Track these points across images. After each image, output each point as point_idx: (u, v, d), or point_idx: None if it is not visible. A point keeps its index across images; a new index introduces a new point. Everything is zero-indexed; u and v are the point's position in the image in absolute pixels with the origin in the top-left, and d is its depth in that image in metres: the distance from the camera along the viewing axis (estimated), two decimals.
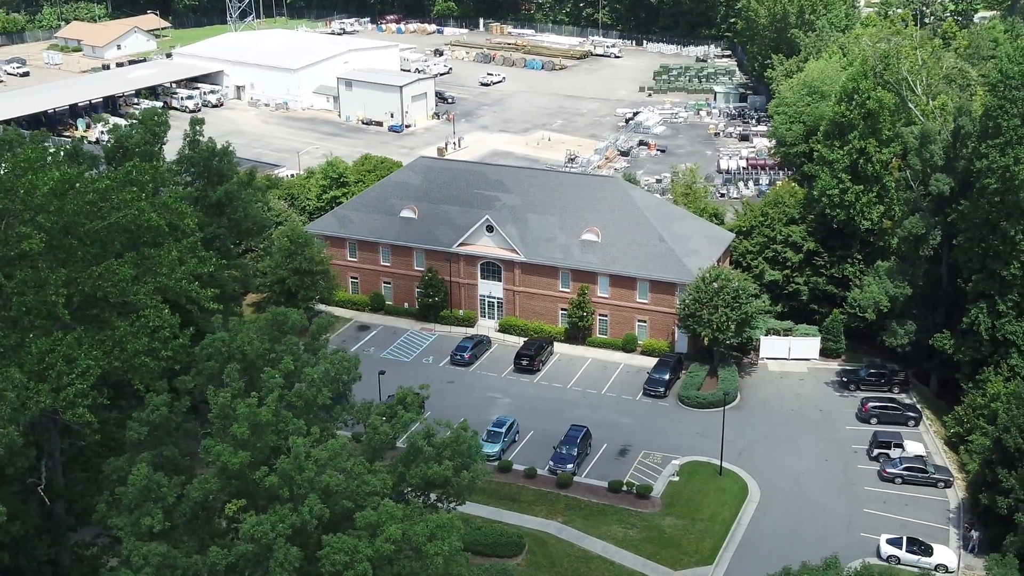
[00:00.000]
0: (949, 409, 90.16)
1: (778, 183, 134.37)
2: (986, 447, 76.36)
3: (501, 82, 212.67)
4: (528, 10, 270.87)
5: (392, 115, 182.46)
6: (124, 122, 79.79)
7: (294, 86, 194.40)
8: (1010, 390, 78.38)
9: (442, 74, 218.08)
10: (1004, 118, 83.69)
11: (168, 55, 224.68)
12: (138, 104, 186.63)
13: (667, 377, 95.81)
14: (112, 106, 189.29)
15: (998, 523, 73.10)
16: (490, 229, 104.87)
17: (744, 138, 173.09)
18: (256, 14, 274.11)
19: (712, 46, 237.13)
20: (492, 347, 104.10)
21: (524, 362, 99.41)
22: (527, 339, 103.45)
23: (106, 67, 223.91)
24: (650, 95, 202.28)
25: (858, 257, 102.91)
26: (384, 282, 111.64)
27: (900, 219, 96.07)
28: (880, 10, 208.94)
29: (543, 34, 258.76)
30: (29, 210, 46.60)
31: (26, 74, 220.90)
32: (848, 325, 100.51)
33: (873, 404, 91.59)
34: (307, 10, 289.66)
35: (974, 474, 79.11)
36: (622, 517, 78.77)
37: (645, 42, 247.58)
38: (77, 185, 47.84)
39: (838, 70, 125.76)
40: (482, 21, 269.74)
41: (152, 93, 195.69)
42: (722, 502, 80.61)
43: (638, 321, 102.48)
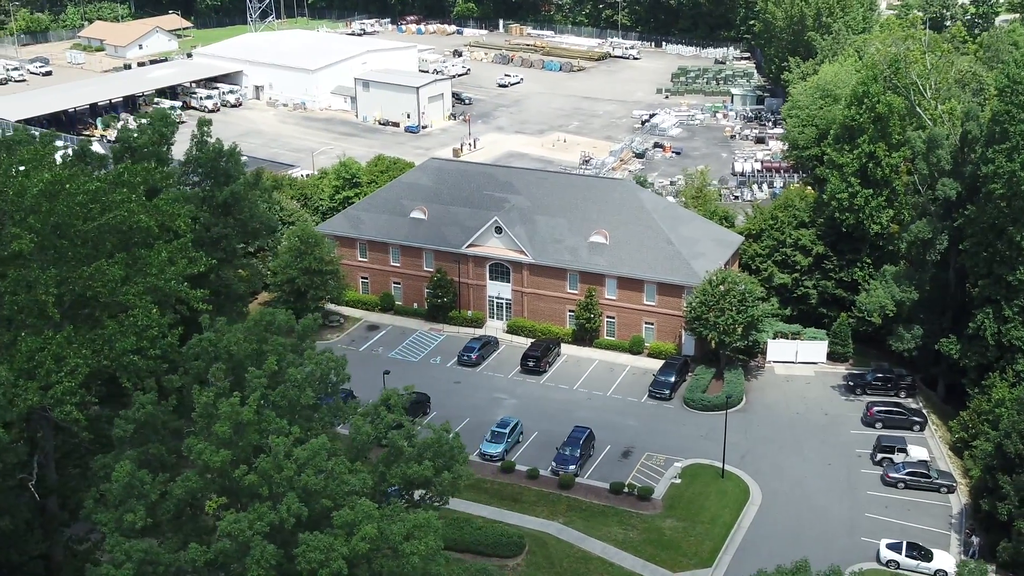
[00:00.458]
0: (956, 414, 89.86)
1: (792, 186, 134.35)
2: (988, 453, 76.19)
3: (519, 83, 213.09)
4: (548, 11, 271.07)
5: (409, 116, 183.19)
6: (133, 123, 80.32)
7: (312, 86, 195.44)
8: (1014, 395, 78.30)
9: (460, 75, 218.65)
10: (1011, 123, 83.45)
11: (188, 55, 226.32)
12: (157, 104, 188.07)
13: (672, 379, 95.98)
14: (132, 106, 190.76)
15: (999, 529, 72.98)
16: (499, 230, 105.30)
17: (760, 141, 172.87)
18: (277, 14, 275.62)
19: (731, 48, 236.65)
20: (500, 348, 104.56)
21: (531, 363, 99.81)
22: (534, 340, 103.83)
23: (127, 67, 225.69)
24: (667, 97, 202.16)
25: (867, 261, 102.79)
26: (394, 282, 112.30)
27: (907, 223, 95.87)
28: (900, 12, 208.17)
29: (562, 35, 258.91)
30: (20, 211, 47.44)
31: (49, 73, 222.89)
32: (856, 329, 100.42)
33: (878, 408, 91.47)
34: (328, 10, 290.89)
35: (976, 480, 78.95)
36: (623, 519, 79.05)
37: (664, 44, 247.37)
38: (67, 186, 48.66)
39: (851, 73, 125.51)
40: (502, 22, 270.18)
41: (172, 93, 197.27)
42: (723, 505, 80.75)
43: (645, 323, 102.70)
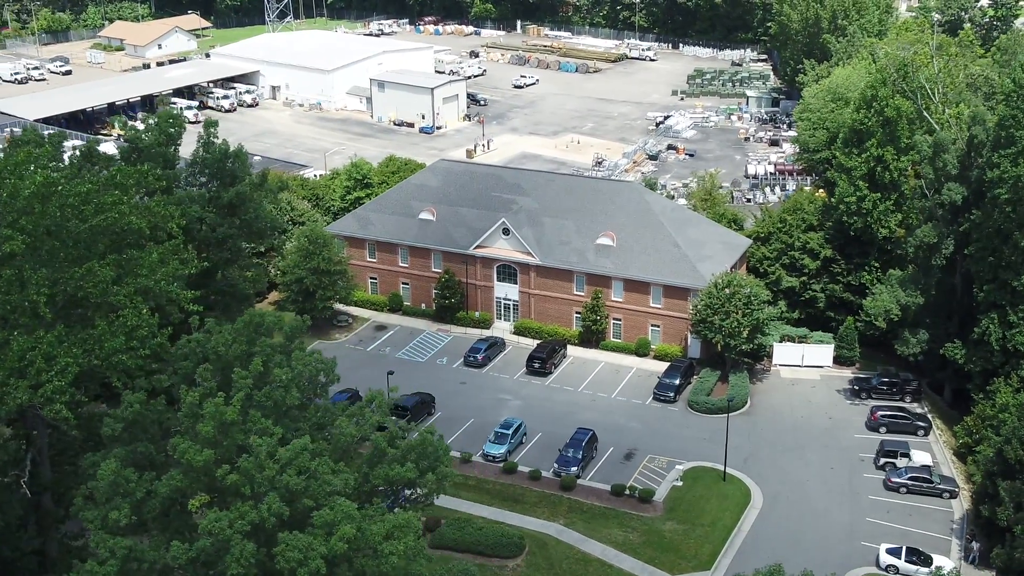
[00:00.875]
0: (961, 419, 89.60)
1: (804, 189, 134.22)
2: (989, 458, 76.06)
3: (534, 84, 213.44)
4: (565, 13, 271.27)
5: (423, 117, 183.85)
6: (141, 124, 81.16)
7: (328, 87, 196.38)
8: (1018, 401, 78.09)
9: (476, 76, 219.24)
10: (1017, 128, 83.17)
11: (206, 55, 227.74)
12: (173, 104, 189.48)
13: (677, 382, 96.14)
14: (150, 105, 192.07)
15: (1000, 535, 72.80)
16: (506, 232, 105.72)
17: (774, 143, 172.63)
18: (297, 15, 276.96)
19: (748, 50, 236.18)
20: (506, 349, 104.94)
21: (536, 364, 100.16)
22: (540, 342, 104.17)
23: (146, 66, 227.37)
24: (682, 99, 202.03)
25: (875, 265, 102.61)
26: (402, 283, 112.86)
27: (913, 228, 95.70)
28: (919, 14, 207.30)
29: (580, 36, 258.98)
30: (12, 212, 48.22)
31: (68, 72, 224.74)
32: (864, 333, 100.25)
33: (882, 413, 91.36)
34: (347, 11, 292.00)
35: (978, 485, 78.80)
36: (623, 521, 79.29)
37: (681, 45, 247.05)
38: (59, 188, 49.39)
39: (863, 76, 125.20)
40: (519, 23, 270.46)
41: (189, 93, 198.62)
42: (724, 508, 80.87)
43: (651, 326, 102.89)
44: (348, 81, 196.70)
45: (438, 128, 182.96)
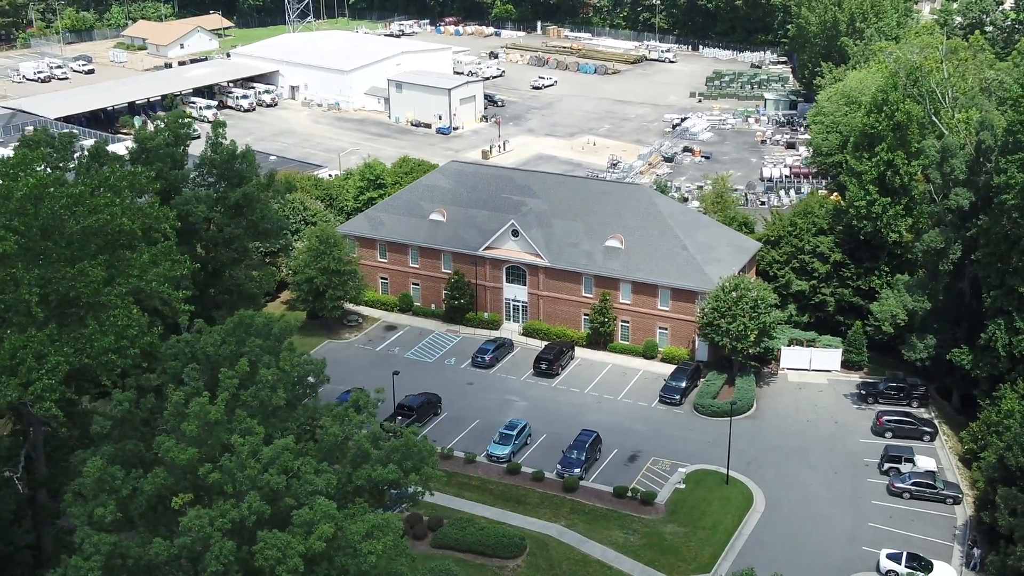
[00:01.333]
0: (968, 425, 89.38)
1: (818, 192, 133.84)
2: (991, 464, 75.84)
3: (552, 86, 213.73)
4: (586, 14, 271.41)
5: (440, 117, 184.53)
6: (150, 124, 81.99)
7: (346, 87, 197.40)
8: (1019, 407, 77.80)
9: (495, 77, 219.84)
10: None
11: (227, 55, 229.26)
12: (194, 103, 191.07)
13: (683, 385, 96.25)
14: (170, 104, 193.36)
15: (1001, 541, 72.55)
16: (515, 233, 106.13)
17: (791, 146, 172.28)
18: (319, 15, 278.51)
19: (768, 52, 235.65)
20: (514, 350, 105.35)
21: (543, 366, 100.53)
22: (547, 343, 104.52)
23: (168, 66, 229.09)
24: (700, 101, 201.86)
25: (885, 269, 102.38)
26: (412, 283, 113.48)
27: (922, 232, 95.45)
28: (940, 17, 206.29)
29: (599, 38, 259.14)
30: (5, 214, 49.06)
31: (91, 71, 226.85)
32: (873, 338, 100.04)
33: (888, 418, 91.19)
34: (369, 11, 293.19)
35: (980, 491, 78.59)
36: (624, 523, 79.55)
37: (701, 47, 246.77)
38: (51, 190, 50.21)
39: (876, 80, 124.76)
40: (539, 24, 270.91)
41: (209, 92, 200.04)
42: (725, 511, 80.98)
43: (659, 328, 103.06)
44: (366, 81, 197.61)
45: (455, 129, 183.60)
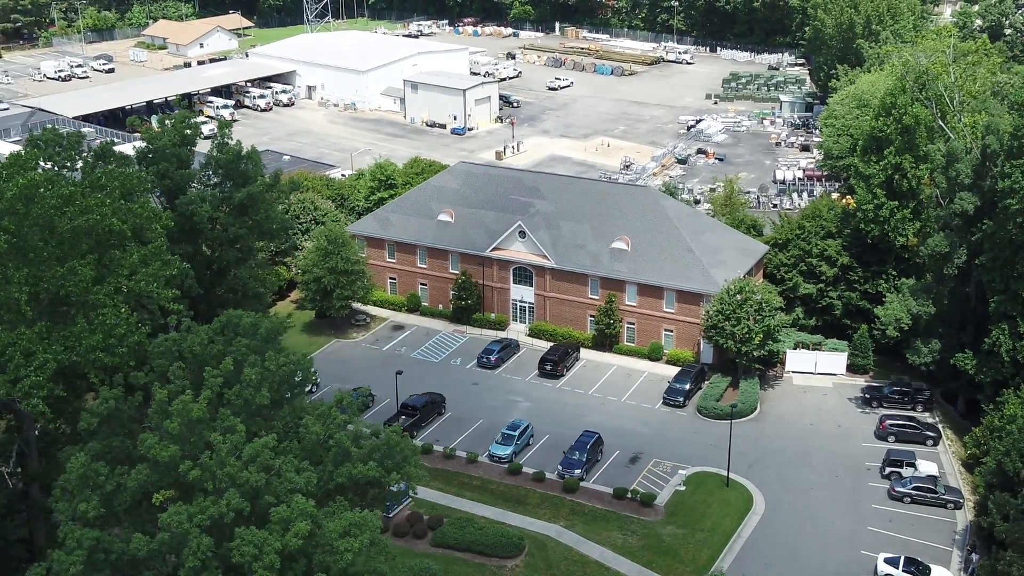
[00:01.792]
0: (972, 430, 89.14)
1: (833, 196, 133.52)
2: (990, 470, 75.72)
3: (568, 87, 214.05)
4: (604, 15, 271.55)
5: (455, 118, 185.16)
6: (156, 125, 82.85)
7: (362, 87, 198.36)
8: (1022, 413, 77.56)
9: (511, 78, 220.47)
10: None
11: (245, 55, 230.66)
12: (211, 103, 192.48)
13: (687, 387, 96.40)
14: (187, 104, 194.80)
15: (993, 547, 72.41)
16: (523, 235, 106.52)
17: (805, 148, 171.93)
18: (339, 15, 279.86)
19: (786, 54, 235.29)
20: (520, 351, 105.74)
21: (548, 367, 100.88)
22: (553, 344, 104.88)
23: (187, 65, 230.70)
24: (716, 103, 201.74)
25: (892, 273, 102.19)
26: (420, 284, 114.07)
27: (927, 236, 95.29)
28: (959, 21, 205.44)
29: (617, 39, 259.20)
30: None
31: (111, 70, 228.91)
32: (879, 341, 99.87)
33: (891, 422, 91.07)
34: (388, 11, 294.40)
35: (980, 497, 78.45)
36: (623, 524, 79.80)
37: (719, 49, 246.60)
38: (41, 190, 51.03)
39: (888, 83, 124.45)
40: (558, 25, 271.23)
41: (227, 92, 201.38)
42: (725, 513, 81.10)
43: (664, 330, 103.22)
44: (382, 82, 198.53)
45: (469, 129, 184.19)
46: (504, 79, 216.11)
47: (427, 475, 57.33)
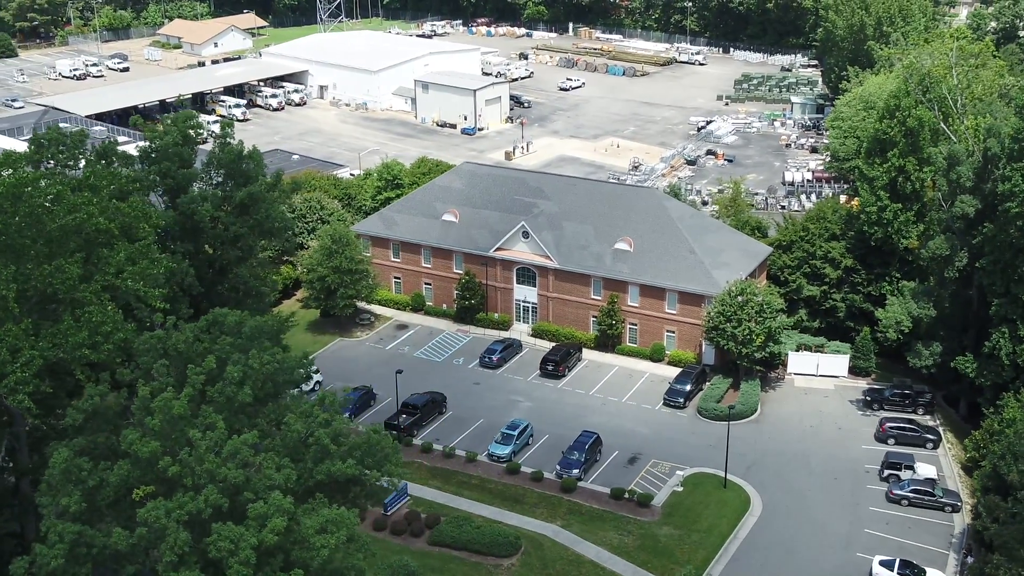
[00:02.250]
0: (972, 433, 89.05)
1: (840, 198, 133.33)
2: (986, 473, 75.66)
3: (580, 87, 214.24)
4: (617, 15, 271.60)
5: (465, 118, 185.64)
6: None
7: (374, 87, 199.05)
8: (1021, 416, 77.45)
9: (523, 78, 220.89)
10: None
11: (259, 54, 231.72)
12: (223, 102, 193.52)
13: (688, 388, 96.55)
14: (200, 102, 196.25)
15: (982, 550, 72.35)
16: (526, 235, 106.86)
17: (815, 150, 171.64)
18: (353, 15, 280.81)
19: (799, 55, 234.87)
20: (523, 351, 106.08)
21: (549, 367, 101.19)
22: (555, 344, 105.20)
23: (201, 64, 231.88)
24: (727, 104, 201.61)
25: (896, 276, 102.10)
26: (425, 283, 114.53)
27: (927, 239, 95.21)
28: (973, 22, 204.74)
29: (630, 39, 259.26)
30: None
31: (126, 69, 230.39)
32: (882, 344, 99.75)
33: (891, 425, 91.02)
34: (402, 11, 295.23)
35: (977, 500, 78.37)
36: (620, 524, 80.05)
37: (732, 50, 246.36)
38: (29, 189, 51.76)
39: (893, 85, 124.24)
40: (571, 25, 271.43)
41: (239, 91, 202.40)
42: (721, 515, 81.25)
43: (666, 331, 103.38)
44: (394, 82, 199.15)
45: (480, 130, 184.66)
46: (516, 79, 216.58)
47: (408, 472, 57.70)
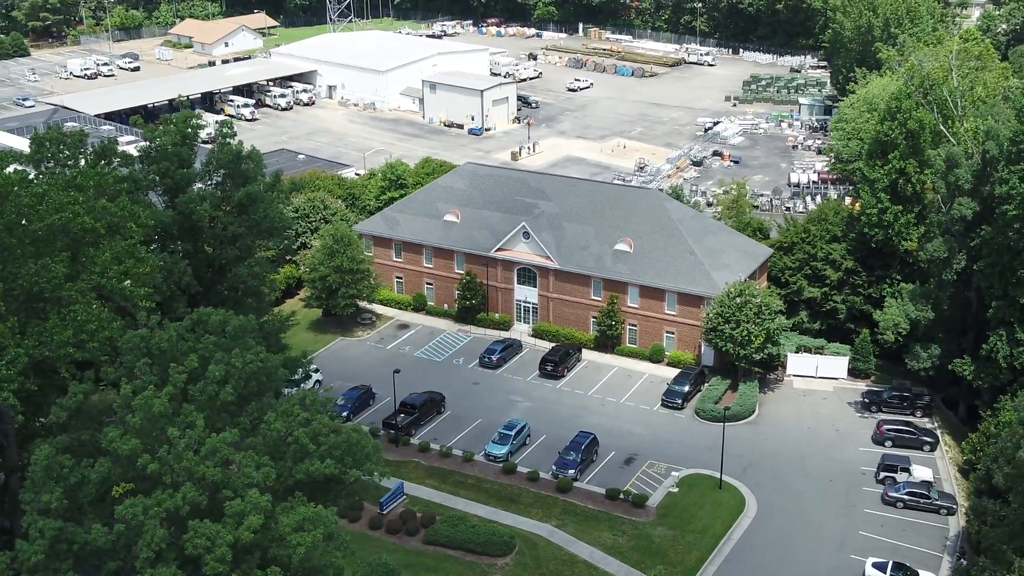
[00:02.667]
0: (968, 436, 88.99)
1: (845, 200, 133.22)
2: (980, 476, 75.66)
3: (588, 88, 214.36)
4: (627, 16, 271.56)
5: (473, 118, 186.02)
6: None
7: (382, 87, 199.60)
8: (1017, 419, 77.29)
9: (532, 78, 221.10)
10: None
11: (268, 54, 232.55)
12: (232, 101, 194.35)
13: (686, 389, 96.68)
14: (209, 102, 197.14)
15: (975, 552, 72.31)
16: (527, 236, 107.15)
17: (821, 151, 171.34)
18: (363, 15, 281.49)
19: (808, 56, 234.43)
20: (523, 351, 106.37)
21: (548, 367, 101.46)
22: (554, 345, 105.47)
23: (211, 64, 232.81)
24: (735, 105, 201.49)
25: (896, 278, 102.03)
26: (426, 283, 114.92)
27: (925, 241, 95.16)
28: (983, 24, 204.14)
29: (640, 40, 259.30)
30: None
31: (137, 69, 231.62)
32: (882, 346, 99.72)
33: (888, 427, 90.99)
34: (413, 11, 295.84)
35: (971, 503, 78.34)
36: (614, 524, 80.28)
37: (741, 51, 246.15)
38: (15, 189, 52.34)
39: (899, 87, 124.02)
40: (581, 26, 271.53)
41: (248, 91, 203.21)
42: (716, 516, 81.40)
43: (666, 332, 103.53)
44: (402, 82, 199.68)
45: (487, 130, 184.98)
46: (524, 80, 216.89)
47: (389, 472, 58.04)
